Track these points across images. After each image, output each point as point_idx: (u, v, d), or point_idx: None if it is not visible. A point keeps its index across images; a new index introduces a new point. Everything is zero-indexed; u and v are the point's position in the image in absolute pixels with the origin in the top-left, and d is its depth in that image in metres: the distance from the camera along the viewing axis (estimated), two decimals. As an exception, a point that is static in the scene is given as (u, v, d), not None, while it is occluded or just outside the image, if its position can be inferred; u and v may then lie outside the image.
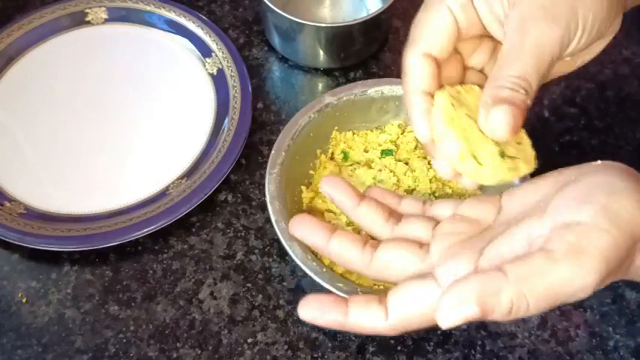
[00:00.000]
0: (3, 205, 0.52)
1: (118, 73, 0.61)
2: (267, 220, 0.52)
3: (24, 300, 0.49)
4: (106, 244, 0.50)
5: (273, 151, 0.50)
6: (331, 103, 0.52)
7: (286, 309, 0.49)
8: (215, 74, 0.60)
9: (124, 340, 0.48)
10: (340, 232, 0.39)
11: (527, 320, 0.49)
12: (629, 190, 0.32)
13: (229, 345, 0.47)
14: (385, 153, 0.53)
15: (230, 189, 0.55)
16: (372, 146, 0.54)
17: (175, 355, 0.47)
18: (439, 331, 0.48)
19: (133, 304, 0.49)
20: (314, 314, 0.35)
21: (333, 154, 0.54)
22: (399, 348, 0.47)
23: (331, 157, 0.54)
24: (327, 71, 0.62)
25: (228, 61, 0.60)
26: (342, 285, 0.43)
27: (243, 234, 0.52)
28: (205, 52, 0.61)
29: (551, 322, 0.49)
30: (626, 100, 0.61)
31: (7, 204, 0.52)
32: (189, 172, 0.54)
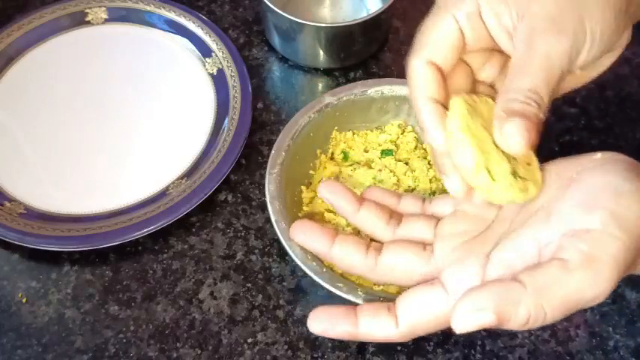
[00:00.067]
0: (3, 205, 0.52)
1: (118, 73, 0.61)
2: (267, 220, 0.52)
3: (24, 300, 0.49)
4: (106, 244, 0.50)
5: (273, 151, 0.50)
6: (331, 103, 0.52)
7: (286, 309, 0.49)
8: (215, 74, 0.60)
9: (124, 340, 0.48)
10: (342, 237, 0.39)
11: (527, 320, 0.49)
12: (634, 192, 0.33)
13: (229, 345, 0.47)
14: (385, 153, 0.53)
15: (230, 189, 0.55)
16: (372, 146, 0.54)
17: (175, 355, 0.47)
18: (439, 331, 0.48)
19: (133, 304, 0.49)
20: (324, 327, 0.35)
21: (333, 154, 0.54)
22: (399, 348, 0.47)
23: (331, 157, 0.54)
24: (327, 71, 0.62)
25: (228, 61, 0.60)
26: (342, 285, 0.43)
27: (243, 234, 0.52)
28: (205, 52, 0.61)
29: (551, 322, 0.49)
30: (626, 100, 0.61)
31: (7, 204, 0.52)
32: (189, 172, 0.54)
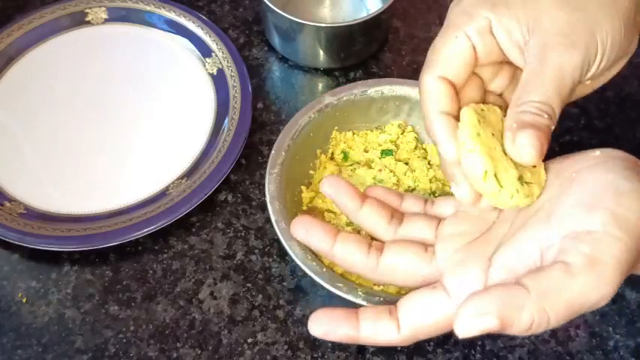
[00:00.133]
0: (3, 205, 0.52)
1: (118, 73, 0.61)
2: (267, 220, 0.52)
3: (24, 300, 0.49)
4: (106, 244, 0.50)
5: (273, 151, 0.50)
6: (331, 103, 0.52)
7: (286, 309, 0.49)
8: (215, 74, 0.60)
9: (124, 340, 0.48)
10: (343, 236, 0.39)
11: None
12: (634, 191, 0.33)
13: (229, 345, 0.47)
14: (385, 153, 0.53)
15: (230, 189, 0.55)
16: (372, 146, 0.54)
17: (175, 355, 0.47)
18: (439, 331, 0.48)
19: (133, 304, 0.49)
20: (325, 329, 0.35)
21: (333, 154, 0.54)
22: (399, 348, 0.47)
23: (331, 157, 0.54)
24: (327, 71, 0.62)
25: (228, 61, 0.60)
26: (342, 285, 0.43)
27: (243, 234, 0.52)
28: (205, 52, 0.61)
29: (551, 322, 0.49)
30: (626, 100, 0.61)
31: (7, 204, 0.52)
32: (189, 172, 0.54)
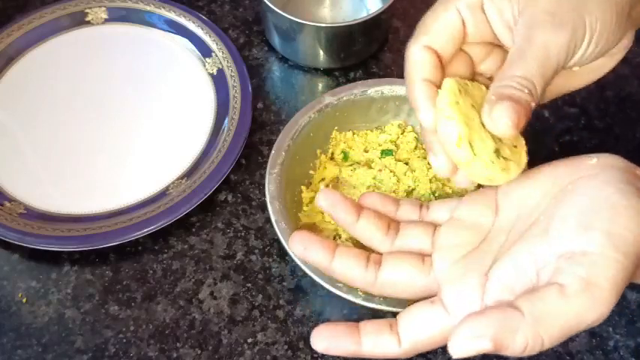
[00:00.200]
0: (3, 205, 0.52)
1: (118, 73, 0.61)
2: (267, 220, 0.52)
3: (24, 300, 0.49)
4: (106, 244, 0.50)
5: (273, 151, 0.50)
6: (331, 103, 0.52)
7: (286, 309, 0.49)
8: (215, 74, 0.60)
9: (124, 340, 0.48)
10: (342, 250, 0.39)
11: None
12: (630, 208, 0.32)
13: (229, 345, 0.47)
14: (385, 153, 0.53)
15: (230, 189, 0.55)
16: (372, 146, 0.54)
17: (175, 355, 0.47)
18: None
19: (133, 304, 0.49)
20: (327, 345, 0.36)
21: (333, 154, 0.54)
22: (399, 348, 0.47)
23: (331, 157, 0.54)
24: (327, 71, 0.62)
25: (228, 61, 0.60)
26: (342, 285, 0.43)
27: (243, 234, 0.52)
28: (205, 52, 0.61)
29: (551, 322, 0.49)
30: (626, 100, 0.61)
31: (7, 204, 0.52)
32: (189, 172, 0.54)
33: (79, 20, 0.63)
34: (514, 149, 0.38)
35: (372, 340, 0.35)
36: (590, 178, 0.35)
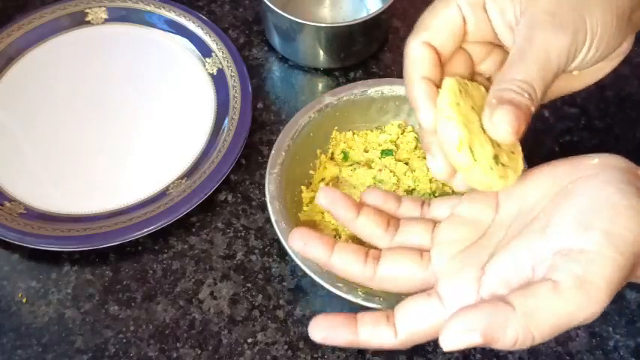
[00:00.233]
0: (3, 205, 0.52)
1: (118, 73, 0.61)
2: (267, 220, 0.52)
3: (24, 300, 0.49)
4: (106, 244, 0.50)
5: (273, 151, 0.50)
6: (331, 103, 0.52)
7: (286, 309, 0.49)
8: (215, 74, 0.60)
9: (124, 340, 0.48)
10: (341, 246, 0.39)
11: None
12: (630, 209, 0.32)
13: (229, 345, 0.47)
14: (385, 153, 0.53)
15: (230, 189, 0.55)
16: (372, 146, 0.54)
17: (175, 355, 0.47)
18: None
19: (133, 304, 0.49)
20: (325, 335, 0.36)
21: (333, 154, 0.54)
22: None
23: (331, 157, 0.54)
24: (327, 71, 0.62)
25: (228, 61, 0.60)
26: (341, 285, 0.43)
27: (243, 234, 0.52)
28: (205, 52, 0.61)
29: (551, 322, 0.49)
30: (626, 100, 0.61)
31: (7, 204, 0.52)
32: (189, 172, 0.54)
33: (79, 20, 0.63)
34: (511, 155, 0.37)
35: (369, 331, 0.35)
36: (591, 177, 0.35)
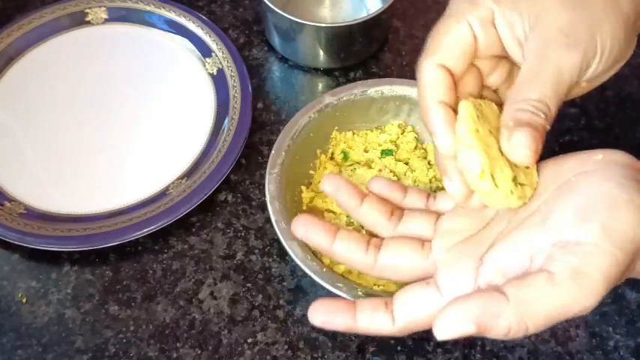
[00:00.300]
0: (3, 205, 0.52)
1: (118, 73, 0.61)
2: (267, 220, 0.52)
3: (24, 300, 0.49)
4: (106, 244, 0.50)
5: (273, 151, 0.50)
6: (331, 103, 0.52)
7: (286, 309, 0.49)
8: (215, 74, 0.60)
9: (124, 340, 0.48)
10: (343, 233, 0.39)
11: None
12: (630, 203, 0.32)
13: (229, 345, 0.47)
14: (385, 153, 0.53)
15: (230, 189, 0.55)
16: (372, 146, 0.54)
17: (175, 355, 0.47)
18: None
19: (133, 304, 0.49)
20: (324, 319, 0.36)
21: (333, 154, 0.54)
22: (399, 348, 0.47)
23: (331, 157, 0.54)
24: (327, 71, 0.62)
25: (228, 61, 0.60)
26: (342, 285, 0.43)
27: (243, 234, 0.52)
28: (205, 52, 0.61)
29: (551, 322, 0.49)
30: (626, 100, 0.61)
31: (7, 204, 0.52)
32: (189, 172, 0.54)
33: (79, 20, 0.63)
34: (527, 170, 0.37)
35: (368, 317, 0.36)
36: (593, 172, 0.35)
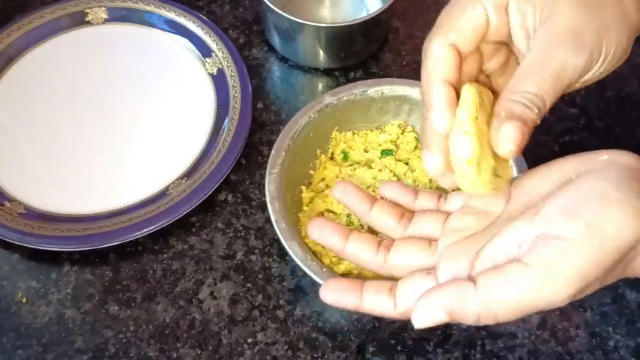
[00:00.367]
0: (3, 205, 0.52)
1: (118, 73, 0.61)
2: (267, 220, 0.52)
3: (24, 300, 0.49)
4: (106, 244, 0.50)
5: (273, 151, 0.50)
6: (331, 103, 0.52)
7: (286, 309, 0.49)
8: (215, 74, 0.60)
9: (124, 340, 0.48)
10: (355, 235, 0.41)
11: (527, 320, 0.49)
12: (622, 202, 0.32)
13: (229, 345, 0.47)
14: (385, 153, 0.53)
15: (230, 189, 0.55)
16: (372, 146, 0.54)
17: (175, 355, 0.47)
18: (439, 331, 0.48)
19: (133, 304, 0.49)
20: (334, 297, 0.38)
21: (333, 154, 0.54)
22: (399, 348, 0.47)
23: (331, 157, 0.54)
24: (327, 71, 0.62)
25: (228, 61, 0.60)
26: (342, 285, 0.43)
27: (243, 234, 0.52)
28: (205, 52, 0.61)
29: (551, 322, 0.49)
30: (626, 100, 0.61)
31: (7, 204, 0.52)
32: (189, 172, 0.54)
33: (79, 20, 0.63)
34: (504, 163, 0.38)
35: (372, 299, 0.38)
36: (593, 172, 0.34)
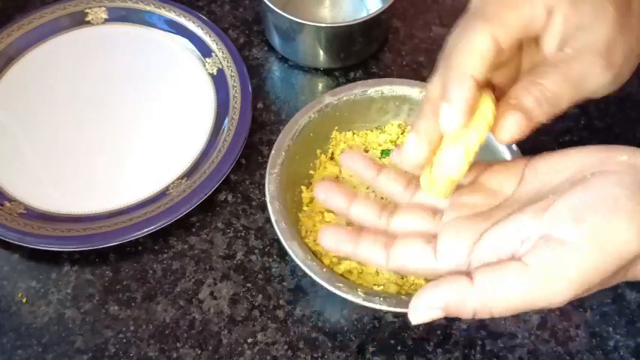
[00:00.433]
0: (3, 205, 0.52)
1: (118, 73, 0.61)
2: (267, 220, 0.52)
3: (24, 300, 0.49)
4: (106, 244, 0.50)
5: (273, 151, 0.50)
6: (331, 103, 0.52)
7: (286, 309, 0.49)
8: (215, 74, 0.60)
9: (124, 340, 0.48)
10: (360, 199, 0.41)
11: (527, 320, 0.49)
12: (632, 213, 0.31)
13: (229, 345, 0.47)
14: (385, 153, 0.53)
15: (230, 189, 0.55)
16: (372, 146, 0.54)
17: (175, 355, 0.47)
18: (439, 331, 0.48)
19: (133, 304, 0.49)
20: (332, 244, 0.40)
21: (333, 154, 0.54)
22: (399, 348, 0.47)
23: (331, 157, 0.54)
24: (327, 71, 0.62)
25: (228, 61, 0.60)
26: (341, 285, 0.43)
27: (243, 234, 0.52)
28: (205, 52, 0.61)
29: (551, 322, 0.49)
30: (626, 100, 0.61)
31: (7, 204, 0.52)
32: (189, 172, 0.54)
33: (79, 20, 0.63)
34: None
35: (367, 249, 0.39)
36: (610, 174, 0.34)
